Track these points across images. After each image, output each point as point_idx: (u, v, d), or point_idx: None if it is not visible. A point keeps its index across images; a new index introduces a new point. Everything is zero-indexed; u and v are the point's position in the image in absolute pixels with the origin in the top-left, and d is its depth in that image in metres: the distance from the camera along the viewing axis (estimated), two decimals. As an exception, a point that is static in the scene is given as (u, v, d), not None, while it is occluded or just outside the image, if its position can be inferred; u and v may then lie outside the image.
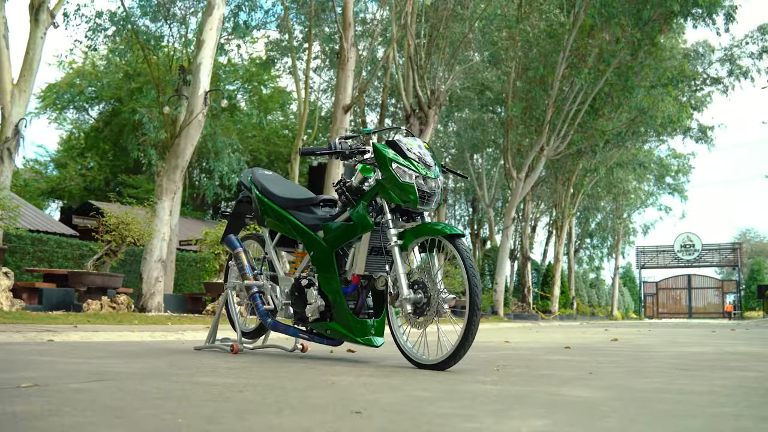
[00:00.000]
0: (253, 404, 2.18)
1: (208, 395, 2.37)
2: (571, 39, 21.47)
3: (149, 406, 2.10)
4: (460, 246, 3.49)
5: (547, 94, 23.10)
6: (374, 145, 3.84)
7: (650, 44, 22.56)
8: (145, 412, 1.99)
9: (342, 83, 16.32)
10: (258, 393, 2.47)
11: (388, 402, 2.29)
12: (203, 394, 2.40)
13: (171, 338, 7.11)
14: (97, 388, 2.49)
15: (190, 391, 2.45)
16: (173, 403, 2.16)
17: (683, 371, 3.75)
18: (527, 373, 3.44)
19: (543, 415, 2.09)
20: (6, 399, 2.14)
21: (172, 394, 2.37)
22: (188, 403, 2.16)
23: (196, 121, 12.14)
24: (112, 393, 2.36)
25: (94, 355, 4.26)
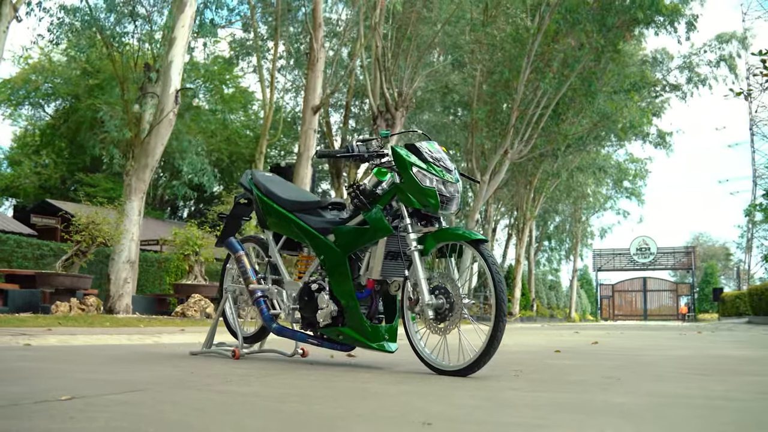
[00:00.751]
0: (314, 416, 2.10)
1: (257, 406, 2.28)
2: (536, 44, 21.66)
3: (214, 420, 2.00)
4: (484, 251, 3.44)
5: (511, 98, 23.27)
6: (393, 149, 3.77)
7: (613, 50, 22.90)
8: (219, 427, 1.89)
9: (311, 84, 16.20)
10: (303, 403, 2.39)
11: (447, 412, 2.23)
12: (251, 405, 2.31)
13: (149, 341, 6.96)
14: (139, 399, 2.38)
15: (236, 402, 2.36)
16: (232, 416, 2.07)
17: (701, 376, 3.76)
18: (553, 379, 3.40)
19: (612, 423, 2.05)
20: (58, 415, 2.02)
21: (221, 405, 2.28)
22: (249, 416, 2.07)
23: (167, 120, 11.92)
24: (159, 405, 2.25)
25: (92, 361, 4.12)
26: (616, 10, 21.30)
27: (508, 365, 4.27)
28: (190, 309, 11.78)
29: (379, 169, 3.89)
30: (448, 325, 3.49)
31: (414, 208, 3.71)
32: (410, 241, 3.66)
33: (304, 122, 16.28)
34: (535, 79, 22.85)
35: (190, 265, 12.53)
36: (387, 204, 3.83)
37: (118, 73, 16.86)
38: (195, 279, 12.57)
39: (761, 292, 23.75)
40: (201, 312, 11.84)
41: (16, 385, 2.75)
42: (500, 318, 3.33)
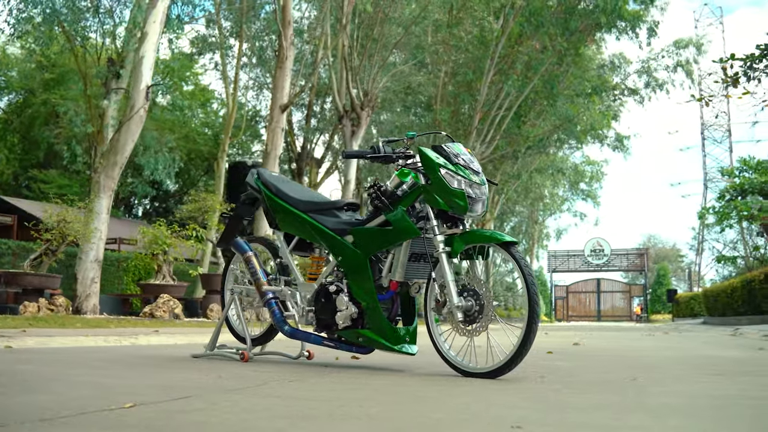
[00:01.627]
0: (403, 421, 2.05)
1: (334, 412, 2.22)
2: (500, 46, 21.83)
3: (307, 427, 1.94)
4: (516, 254, 3.43)
5: (474, 99, 23.42)
6: (421, 150, 3.73)
7: (575, 54, 23.21)
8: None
9: (280, 82, 16.04)
10: (373, 408, 2.33)
11: (527, 416, 2.20)
12: (327, 410, 2.25)
13: (126, 343, 6.82)
14: (205, 405, 2.30)
15: (308, 407, 2.29)
16: (316, 421, 2.01)
17: (715, 376, 3.80)
18: (578, 381, 3.41)
19: (681, 424, 2.05)
20: (156, 425, 1.93)
21: (295, 411, 2.21)
22: (336, 422, 2.01)
23: (138, 117, 11.66)
24: (226, 412, 2.18)
25: (98, 365, 3.99)
26: (580, 14, 21.60)
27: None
28: (159, 309, 11.54)
29: (402, 171, 3.85)
30: (478, 327, 3.47)
31: (439, 210, 3.67)
32: (437, 243, 3.62)
33: (271, 120, 16.11)
34: (499, 81, 23.04)
35: (159, 265, 12.27)
36: (410, 205, 3.79)
37: (80, 68, 16.49)
38: (163, 279, 12.32)
39: (716, 294, 24.31)
40: (170, 312, 11.61)
41: (45, 392, 2.64)
42: (533, 320, 3.32)
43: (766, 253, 34.79)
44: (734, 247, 40.46)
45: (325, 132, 27.41)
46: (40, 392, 2.58)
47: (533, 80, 22.70)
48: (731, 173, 35.78)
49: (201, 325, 10.57)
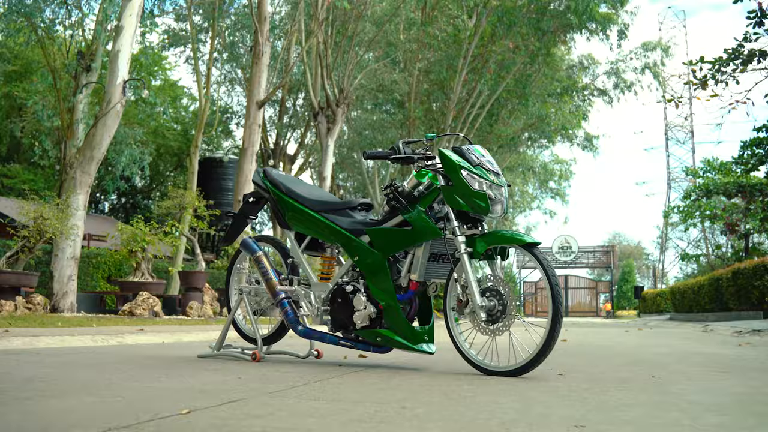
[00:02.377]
0: (458, 424, 2.05)
1: (401, 414, 2.21)
2: (473, 45, 21.92)
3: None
4: (539, 255, 3.46)
5: (448, 98, 23.49)
6: (441, 151, 3.74)
7: (546, 54, 23.41)
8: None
9: (256, 78, 15.93)
10: (416, 407, 2.33)
11: (576, 415, 2.21)
12: (396, 413, 2.24)
13: (113, 342, 6.74)
14: (259, 412, 2.27)
15: (358, 412, 2.28)
16: (391, 425, 2.00)
17: (723, 373, 3.87)
18: (600, 379, 3.43)
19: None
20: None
21: (348, 415, 2.20)
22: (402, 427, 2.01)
23: (114, 112, 11.47)
24: (288, 417, 2.16)
25: (109, 368, 3.94)
26: (551, 15, 21.79)
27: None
28: (139, 307, 11.39)
29: (420, 171, 3.85)
30: (501, 326, 3.49)
31: (459, 211, 3.68)
32: (459, 244, 3.63)
33: (248, 117, 16.00)
34: (473, 80, 23.14)
35: (138, 262, 12.10)
36: (428, 206, 3.80)
37: (48, 61, 16.15)
38: (142, 276, 12.15)
39: (683, 291, 24.77)
40: (149, 310, 11.47)
41: (92, 396, 2.59)
42: (557, 319, 3.35)
43: (727, 251, 35.49)
44: (697, 245, 41.25)
45: (297, 128, 27.27)
46: (89, 396, 2.53)
47: (506, 79, 22.84)
48: (695, 173, 36.43)
49: (182, 322, 10.46)
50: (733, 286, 17.65)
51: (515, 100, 24.69)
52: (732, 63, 17.10)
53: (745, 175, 25.24)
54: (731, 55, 16.98)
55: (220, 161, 26.92)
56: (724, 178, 30.10)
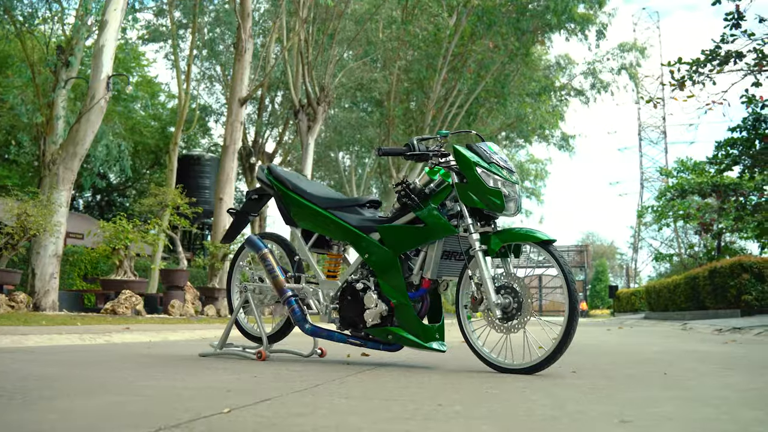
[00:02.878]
0: (501, 421, 2.06)
1: (436, 414, 2.21)
2: (452, 45, 21.97)
3: (428, 428, 1.92)
4: (555, 252, 3.48)
5: (427, 97, 23.54)
6: (456, 148, 3.74)
7: (525, 54, 23.55)
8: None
9: (239, 75, 15.80)
10: (451, 405, 2.33)
11: (613, 411, 2.23)
12: (406, 410, 2.24)
13: (101, 341, 6.66)
14: (300, 410, 2.26)
15: (395, 410, 2.27)
16: (440, 423, 2.00)
17: (729, 370, 3.92)
18: (618, 375, 3.46)
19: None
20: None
21: (385, 414, 2.19)
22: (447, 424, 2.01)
23: (98, 107, 11.34)
24: (329, 415, 2.15)
25: (114, 366, 3.89)
26: (531, 15, 21.92)
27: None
28: (121, 306, 11.27)
29: (432, 169, 3.85)
30: (516, 324, 3.50)
31: (472, 208, 3.69)
32: (473, 241, 3.64)
33: (230, 114, 15.87)
34: (453, 79, 23.20)
35: (120, 260, 11.96)
36: (440, 203, 3.79)
37: (27, 56, 15.91)
38: (125, 274, 12.02)
39: (659, 290, 25.05)
40: (132, 309, 11.36)
41: (118, 395, 2.56)
42: (573, 317, 3.37)
43: (700, 251, 35.94)
44: (670, 245, 41.75)
45: (276, 126, 27.13)
46: (113, 395, 2.50)
47: (486, 78, 22.94)
48: (669, 174, 36.85)
49: (165, 321, 10.38)
50: (710, 285, 17.89)
51: (493, 99, 24.81)
52: (709, 64, 17.33)
53: (718, 175, 25.56)
54: (708, 56, 17.20)
55: (198, 159, 26.69)
56: (698, 178, 30.48)
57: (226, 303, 15.03)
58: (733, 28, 16.77)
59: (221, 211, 15.35)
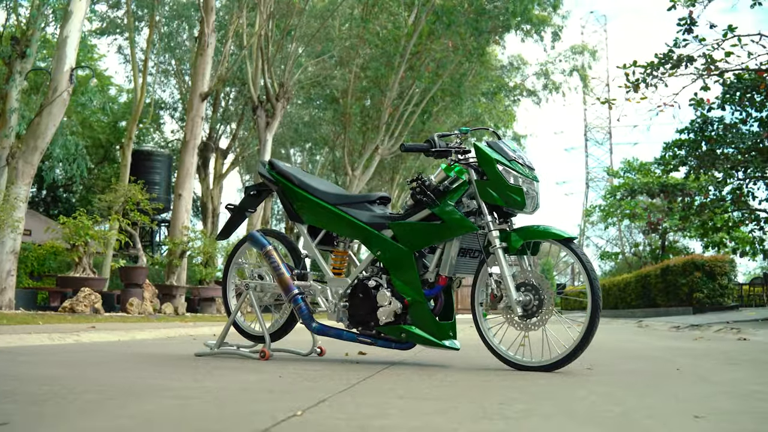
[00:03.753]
0: (579, 419, 2.06)
1: (511, 413, 2.20)
2: (411, 43, 22.01)
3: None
4: (577, 250, 3.50)
5: (384, 95, 23.54)
6: (477, 146, 3.74)
7: (481, 54, 23.77)
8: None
9: (200, 70, 15.58)
10: (511, 405, 2.33)
11: (686, 407, 2.26)
12: (498, 410, 2.23)
13: (70, 341, 6.49)
14: (370, 411, 2.24)
15: (465, 411, 2.26)
16: (498, 424, 1.99)
17: (734, 365, 4.01)
18: (632, 371, 3.50)
19: None
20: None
21: (454, 415, 2.18)
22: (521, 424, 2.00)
23: (61, 100, 11.03)
24: (407, 415, 2.12)
25: (126, 366, 3.80)
26: (490, 16, 22.11)
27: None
28: (80, 304, 11.01)
29: (449, 165, 3.85)
30: (537, 321, 3.53)
31: (490, 205, 3.69)
32: (493, 238, 3.64)
33: (191, 109, 15.63)
34: (411, 77, 23.26)
35: (79, 257, 11.65)
36: (457, 201, 3.79)
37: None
38: (84, 272, 11.71)
39: (608, 288, 25.59)
40: (91, 307, 11.09)
41: (156, 398, 2.49)
42: (595, 314, 3.41)
43: (645, 249, 36.85)
44: (615, 244, 42.66)
45: (230, 122, 26.79)
46: (160, 398, 2.43)
47: (443, 77, 23.07)
48: (616, 174, 37.60)
49: (125, 319, 10.16)
50: (661, 283, 18.35)
51: (448, 98, 24.97)
52: (662, 67, 17.77)
53: (665, 175, 26.19)
54: (661, 60, 17.64)
55: (149, 154, 26.18)
56: (644, 179, 31.20)
57: (183, 300, 14.85)
58: (686, 33, 17.23)
59: (180, 206, 15.11)
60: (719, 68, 17.96)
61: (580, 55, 28.92)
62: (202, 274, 15.35)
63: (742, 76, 18.90)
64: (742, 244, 29.17)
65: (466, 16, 22.01)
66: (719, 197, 25.72)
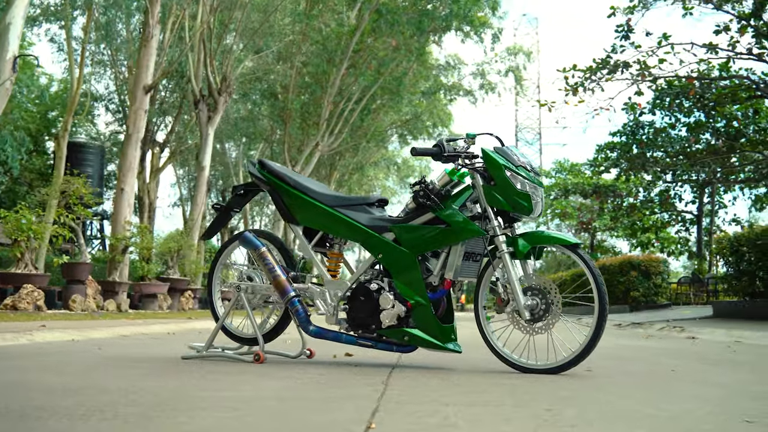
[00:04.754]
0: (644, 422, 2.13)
1: (566, 419, 2.25)
2: (353, 41, 22.02)
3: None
4: (584, 255, 3.60)
5: (325, 92, 23.47)
6: (485, 151, 3.80)
7: (420, 53, 23.98)
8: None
9: (144, 62, 15.22)
10: (575, 410, 2.39)
11: (725, 409, 2.35)
12: (548, 416, 2.28)
13: (23, 341, 6.30)
14: (435, 420, 2.25)
15: (525, 414, 2.31)
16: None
17: (716, 366, 4.19)
18: (632, 372, 3.61)
19: None
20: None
21: (518, 418, 2.22)
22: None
23: (4, 89, 10.62)
24: (477, 423, 2.15)
25: (122, 372, 3.71)
26: (432, 16, 22.31)
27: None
28: (23, 301, 10.62)
29: (453, 170, 3.89)
30: (544, 325, 3.61)
31: (496, 210, 3.76)
32: (500, 243, 3.71)
33: (133, 102, 15.25)
34: (353, 74, 23.27)
35: (21, 253, 11.22)
36: (461, 204, 3.84)
37: None
38: (26, 268, 11.29)
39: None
40: (33, 304, 10.72)
41: (199, 410, 2.45)
42: (602, 318, 3.51)
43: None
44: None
45: (167, 115, 26.24)
46: (212, 410, 2.39)
47: (384, 75, 23.16)
48: (547, 174, 38.42)
49: (68, 317, 9.88)
50: (598, 282, 18.87)
51: (386, 96, 25.11)
52: (600, 72, 18.31)
53: (596, 176, 26.94)
54: (599, 65, 18.17)
55: (81, 146, 25.38)
56: (574, 179, 31.99)
57: (126, 297, 14.48)
58: (623, 39, 17.79)
59: (122, 201, 14.76)
60: (653, 74, 18.64)
61: (515, 57, 29.46)
62: (143, 270, 15.01)
63: (672, 82, 19.65)
64: (668, 244, 30.35)
65: (408, 16, 22.15)
66: (648, 199, 26.70)
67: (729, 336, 8.02)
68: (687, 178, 23.94)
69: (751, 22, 16.46)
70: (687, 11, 17.81)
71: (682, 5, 17.66)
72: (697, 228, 23.95)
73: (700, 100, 19.72)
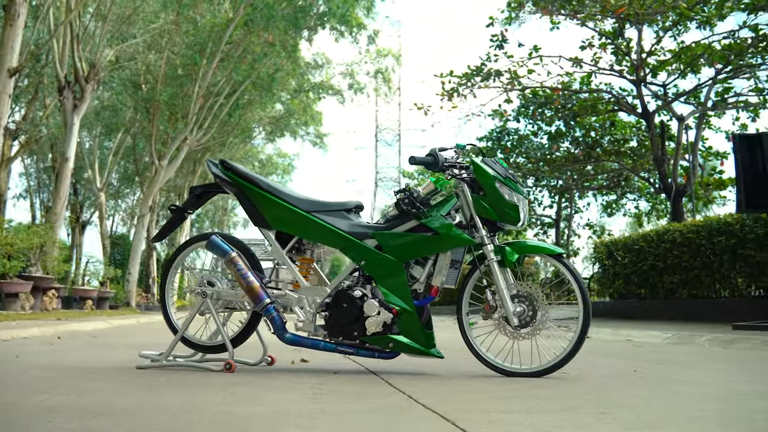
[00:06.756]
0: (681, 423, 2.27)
1: (614, 422, 2.35)
2: (227, 34, 21.53)
3: None
4: (568, 264, 3.76)
5: (197, 85, 22.81)
6: (475, 162, 3.88)
7: (293, 50, 23.84)
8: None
9: (9, 42, 14.11)
10: (624, 413, 2.50)
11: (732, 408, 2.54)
12: (598, 417, 2.37)
13: None
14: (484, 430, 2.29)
15: (577, 419, 2.39)
16: None
17: (696, 368, 4.49)
18: (629, 374, 3.80)
19: None
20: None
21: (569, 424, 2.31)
22: None
23: None
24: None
25: (103, 378, 3.51)
26: (308, 14, 22.21)
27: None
28: None
29: (439, 178, 3.94)
30: (530, 331, 3.74)
31: (482, 219, 3.85)
32: (488, 252, 3.81)
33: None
34: (226, 68, 22.77)
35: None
36: (446, 213, 3.90)
37: None
38: None
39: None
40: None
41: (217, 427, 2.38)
42: (587, 323, 3.68)
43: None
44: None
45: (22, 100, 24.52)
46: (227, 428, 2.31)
47: (259, 71, 22.83)
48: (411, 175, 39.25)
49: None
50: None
51: (256, 92, 24.79)
52: (473, 78, 19.00)
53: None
54: (474, 72, 18.86)
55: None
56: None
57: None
58: (498, 48, 18.55)
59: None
60: (522, 84, 19.57)
61: (384, 58, 29.87)
62: (5, 268, 13.96)
63: (536, 91, 20.72)
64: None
65: (283, 13, 21.93)
66: (510, 202, 27.99)
67: (617, 335, 8.51)
68: (546, 184, 25.20)
69: (613, 41, 17.66)
70: (554, 25, 18.84)
71: (550, 20, 18.63)
72: (555, 231, 25.30)
73: (562, 110, 20.89)
